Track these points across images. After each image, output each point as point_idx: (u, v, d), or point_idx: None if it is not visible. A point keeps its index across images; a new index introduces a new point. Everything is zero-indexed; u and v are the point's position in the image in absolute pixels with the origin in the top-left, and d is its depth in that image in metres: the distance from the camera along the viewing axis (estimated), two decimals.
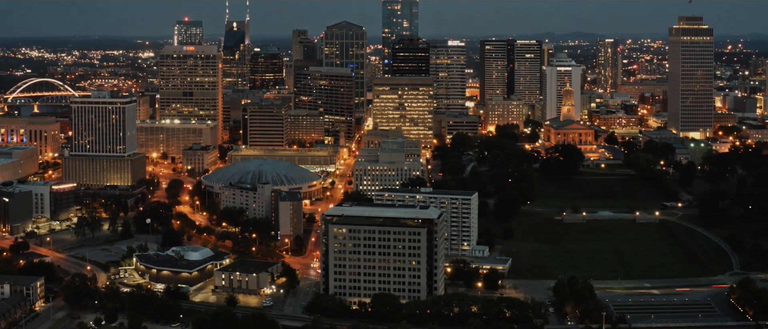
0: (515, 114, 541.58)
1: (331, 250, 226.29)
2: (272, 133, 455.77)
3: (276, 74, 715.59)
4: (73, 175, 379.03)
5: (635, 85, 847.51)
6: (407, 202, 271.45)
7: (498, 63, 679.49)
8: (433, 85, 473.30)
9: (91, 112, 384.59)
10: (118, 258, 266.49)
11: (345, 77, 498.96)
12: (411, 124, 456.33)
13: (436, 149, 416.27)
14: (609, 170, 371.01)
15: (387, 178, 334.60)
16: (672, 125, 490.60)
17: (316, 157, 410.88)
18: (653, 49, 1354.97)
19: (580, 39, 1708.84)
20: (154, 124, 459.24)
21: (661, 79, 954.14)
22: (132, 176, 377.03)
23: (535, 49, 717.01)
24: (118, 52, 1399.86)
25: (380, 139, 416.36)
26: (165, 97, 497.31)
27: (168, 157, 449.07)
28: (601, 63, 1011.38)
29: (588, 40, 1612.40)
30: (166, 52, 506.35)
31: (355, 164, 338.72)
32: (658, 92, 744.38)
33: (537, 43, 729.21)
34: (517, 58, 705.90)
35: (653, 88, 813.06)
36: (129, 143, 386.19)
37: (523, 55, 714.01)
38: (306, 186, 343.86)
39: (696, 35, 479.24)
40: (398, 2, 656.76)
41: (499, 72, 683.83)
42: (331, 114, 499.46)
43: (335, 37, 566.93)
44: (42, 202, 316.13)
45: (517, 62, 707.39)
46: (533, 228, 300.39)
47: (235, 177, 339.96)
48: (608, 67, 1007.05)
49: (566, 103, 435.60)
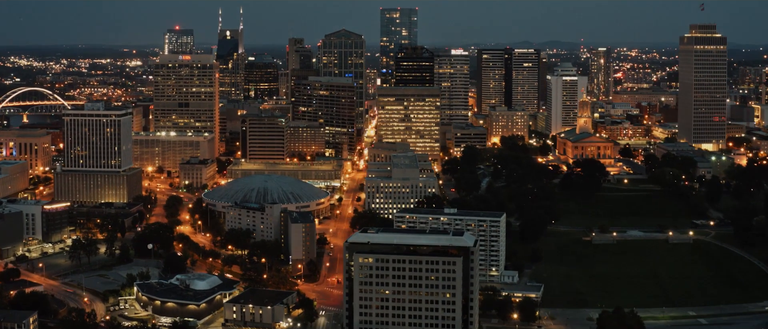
0: (520, 125, 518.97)
1: (356, 282, 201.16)
2: (273, 146, 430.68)
3: (271, 84, 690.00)
4: (65, 192, 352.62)
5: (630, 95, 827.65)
6: (430, 224, 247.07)
7: (495, 72, 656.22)
8: (440, 95, 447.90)
9: (85, 125, 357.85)
10: (116, 286, 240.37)
11: (346, 87, 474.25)
12: (417, 137, 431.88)
13: (447, 163, 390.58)
14: (632, 186, 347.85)
15: (401, 196, 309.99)
16: (683, 136, 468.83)
17: (320, 171, 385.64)
18: (631, 57, 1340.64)
19: (558, 47, 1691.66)
20: (149, 137, 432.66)
21: (656, 87, 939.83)
22: (128, 193, 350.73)
23: (533, 59, 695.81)
24: (105, 61, 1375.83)
25: (386, 153, 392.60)
26: (160, 108, 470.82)
27: (164, 170, 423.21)
28: (594, 72, 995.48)
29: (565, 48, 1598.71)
30: (161, 62, 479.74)
31: (366, 181, 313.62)
32: (654, 101, 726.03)
33: (535, 52, 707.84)
34: (514, 68, 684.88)
35: (649, 97, 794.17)
36: (124, 158, 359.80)
37: (521, 65, 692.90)
38: (314, 204, 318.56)
39: (709, 44, 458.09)
40: (396, 10, 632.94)
41: (496, 81, 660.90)
42: (331, 125, 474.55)
43: (333, 45, 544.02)
44: (33, 223, 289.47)
45: (515, 71, 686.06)
46: (561, 249, 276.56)
47: (239, 195, 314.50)
48: (600, 76, 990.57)
49: (582, 115, 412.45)
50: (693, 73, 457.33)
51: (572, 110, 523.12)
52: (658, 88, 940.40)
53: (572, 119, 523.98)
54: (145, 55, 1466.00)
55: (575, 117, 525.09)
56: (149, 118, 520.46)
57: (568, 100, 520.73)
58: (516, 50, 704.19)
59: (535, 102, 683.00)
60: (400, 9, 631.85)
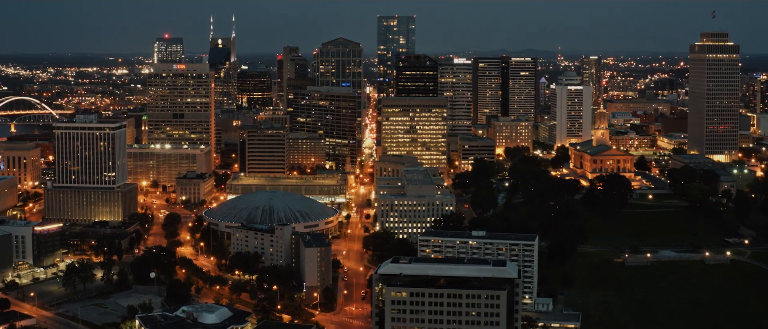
0: (523, 135, 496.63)
1: (389, 318, 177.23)
2: (273, 159, 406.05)
3: (264, 93, 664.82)
4: (56, 209, 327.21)
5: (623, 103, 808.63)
6: (458, 249, 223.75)
7: (492, 81, 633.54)
8: (447, 106, 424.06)
9: (77, 139, 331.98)
10: (116, 317, 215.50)
11: (347, 97, 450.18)
12: (423, 149, 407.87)
13: (458, 178, 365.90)
14: (656, 201, 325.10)
15: (416, 214, 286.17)
16: (693, 147, 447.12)
17: (324, 186, 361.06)
18: (609, 65, 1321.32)
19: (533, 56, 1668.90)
20: (143, 150, 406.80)
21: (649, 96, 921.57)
22: (123, 210, 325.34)
23: (530, 67, 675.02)
24: (92, 69, 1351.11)
25: (393, 166, 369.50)
26: (153, 119, 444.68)
27: (159, 185, 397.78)
28: (585, 80, 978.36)
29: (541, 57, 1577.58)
30: (154, 71, 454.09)
31: (379, 198, 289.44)
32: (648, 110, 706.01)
33: (532, 60, 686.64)
34: (511, 76, 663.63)
35: (643, 105, 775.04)
36: (119, 173, 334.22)
37: (518, 73, 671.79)
38: (322, 223, 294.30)
39: (721, 52, 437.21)
40: (394, 18, 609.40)
41: (492, 90, 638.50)
42: (331, 137, 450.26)
43: (331, 54, 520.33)
44: (23, 246, 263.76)
45: (512, 80, 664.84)
46: (593, 273, 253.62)
47: (243, 213, 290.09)
48: (592, 85, 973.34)
49: (600, 126, 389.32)
50: (705, 83, 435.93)
51: (578, 120, 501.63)
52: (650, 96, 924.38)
53: (577, 129, 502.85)
54: (130, 64, 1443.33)
55: (580, 127, 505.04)
56: (142, 129, 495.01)
57: (573, 110, 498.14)
58: (512, 58, 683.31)
59: (532, 111, 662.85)
60: (397, 16, 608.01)
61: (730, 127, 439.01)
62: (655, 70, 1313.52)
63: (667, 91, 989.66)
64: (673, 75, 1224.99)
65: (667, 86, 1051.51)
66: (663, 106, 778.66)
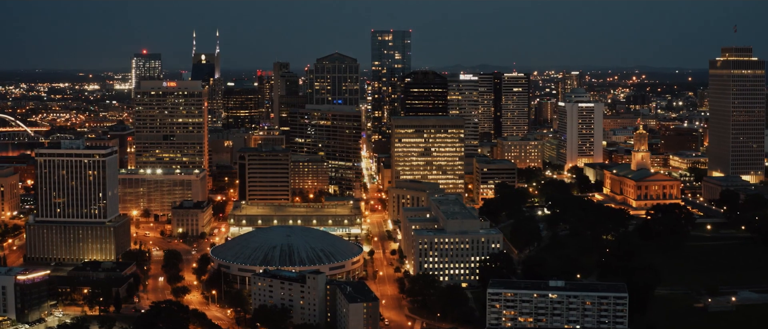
0: (533, 155, 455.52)
1: None
2: (276, 185, 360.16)
3: (251, 111, 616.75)
4: (39, 247, 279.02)
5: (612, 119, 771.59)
6: (536, 303, 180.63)
7: (484, 97, 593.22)
8: (464, 126, 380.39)
9: (62, 167, 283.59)
10: None
11: (350, 116, 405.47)
12: (438, 173, 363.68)
13: (485, 206, 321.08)
14: (714, 232, 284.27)
15: (459, 253, 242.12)
16: (715, 167, 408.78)
17: (337, 216, 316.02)
18: (560, 78, 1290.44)
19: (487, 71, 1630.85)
20: (132, 176, 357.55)
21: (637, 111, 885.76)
22: (116, 248, 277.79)
23: (523, 83, 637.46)
24: (64, 85, 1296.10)
25: (412, 193, 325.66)
26: (141, 141, 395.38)
27: (150, 214, 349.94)
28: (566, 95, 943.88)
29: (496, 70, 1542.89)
30: (142, 89, 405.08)
31: (416, 235, 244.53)
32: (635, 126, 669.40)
33: (525, 76, 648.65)
34: (504, 92, 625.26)
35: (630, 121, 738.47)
36: (110, 205, 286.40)
37: (511, 89, 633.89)
38: (349, 264, 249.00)
39: (746, 68, 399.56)
40: (389, 32, 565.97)
41: (485, 106, 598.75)
42: (333, 159, 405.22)
43: (326, 70, 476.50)
44: (4, 298, 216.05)
45: (505, 96, 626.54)
46: (676, 322, 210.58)
47: (258, 253, 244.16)
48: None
49: (640, 149, 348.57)
50: (731, 99, 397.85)
51: (588, 139, 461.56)
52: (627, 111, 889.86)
53: (589, 149, 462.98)
54: (101, 79, 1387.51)
55: (591, 146, 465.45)
56: (128, 150, 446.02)
57: (584, 128, 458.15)
58: (505, 74, 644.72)
59: (524, 128, 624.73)
60: (393, 31, 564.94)
61: (758, 147, 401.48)
62: (611, 85, 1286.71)
63: (639, 106, 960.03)
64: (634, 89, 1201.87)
65: (639, 101, 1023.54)
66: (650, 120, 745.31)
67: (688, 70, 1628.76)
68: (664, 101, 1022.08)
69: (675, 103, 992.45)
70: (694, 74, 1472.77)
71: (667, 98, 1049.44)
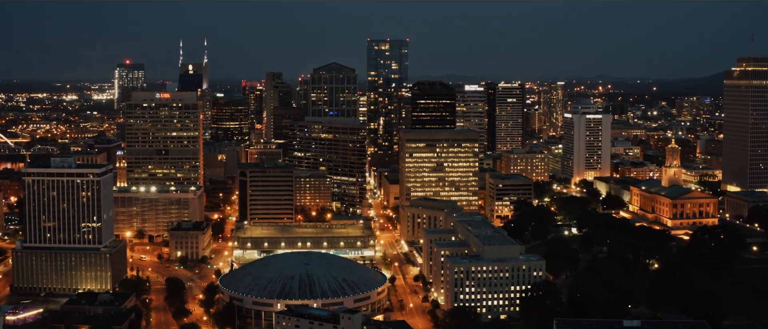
0: (540, 169, 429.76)
1: None
2: (279, 203, 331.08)
3: (241, 123, 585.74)
4: (27, 276, 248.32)
5: None
6: None
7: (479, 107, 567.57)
8: (479, 140, 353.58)
9: (52, 188, 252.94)
10: None
11: (354, 129, 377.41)
12: (451, 189, 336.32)
13: (506, 224, 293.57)
14: (761, 253, 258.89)
15: (498, 283, 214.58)
16: (731, 181, 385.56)
17: (349, 238, 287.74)
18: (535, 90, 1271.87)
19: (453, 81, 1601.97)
20: (125, 194, 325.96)
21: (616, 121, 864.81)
22: (112, 276, 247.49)
23: (517, 94, 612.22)
24: (42, 95, 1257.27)
25: (428, 212, 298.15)
26: (133, 156, 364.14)
27: (144, 235, 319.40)
28: (553, 105, 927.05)
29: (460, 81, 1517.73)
30: (133, 101, 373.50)
31: (451, 264, 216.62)
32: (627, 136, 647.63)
33: (519, 86, 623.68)
34: (498, 103, 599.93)
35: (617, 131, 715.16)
36: (105, 229, 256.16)
37: (505, 100, 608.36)
38: (375, 294, 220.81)
39: (765, 79, 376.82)
40: (386, 41, 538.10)
41: (479, 117, 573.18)
42: (335, 174, 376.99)
43: (323, 81, 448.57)
44: None
45: (499, 107, 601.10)
46: None
47: (275, 285, 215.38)
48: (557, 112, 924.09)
49: (672, 164, 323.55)
50: (749, 111, 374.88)
51: (597, 152, 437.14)
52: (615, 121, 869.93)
53: (596, 161, 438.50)
54: (79, 89, 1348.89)
55: (599, 159, 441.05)
56: (117, 165, 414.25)
57: (594, 140, 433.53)
58: (499, 85, 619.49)
59: (517, 139, 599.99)
60: (389, 40, 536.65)
61: None
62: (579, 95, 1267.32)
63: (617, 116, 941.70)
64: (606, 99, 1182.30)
65: (617, 111, 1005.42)
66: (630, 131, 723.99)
67: (648, 80, 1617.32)
68: (639, 111, 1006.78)
69: (649, 113, 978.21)
70: (657, 84, 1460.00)
71: (641, 108, 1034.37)
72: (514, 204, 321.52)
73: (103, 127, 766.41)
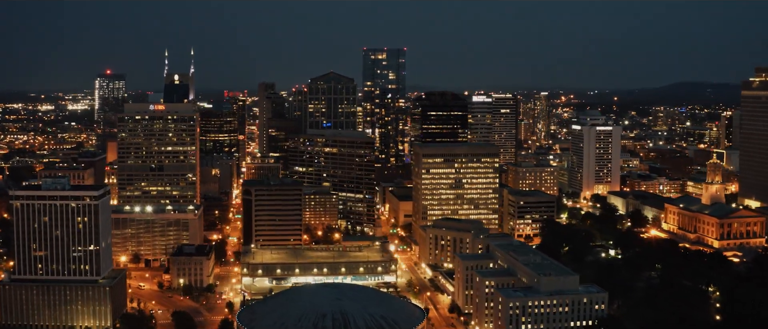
0: (549, 183, 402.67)
1: None
2: (287, 223, 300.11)
3: (231, 135, 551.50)
4: (17, 312, 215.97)
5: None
6: None
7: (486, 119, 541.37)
8: (498, 154, 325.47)
9: (44, 213, 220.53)
10: None
11: (363, 143, 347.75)
12: (470, 207, 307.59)
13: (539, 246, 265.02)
14: None
15: (556, 317, 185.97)
16: (750, 195, 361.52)
17: (368, 262, 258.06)
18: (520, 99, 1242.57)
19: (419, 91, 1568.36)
20: (119, 215, 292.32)
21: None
22: (112, 311, 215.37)
23: (511, 104, 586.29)
24: (17, 105, 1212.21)
25: (453, 234, 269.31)
26: (125, 172, 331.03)
27: (140, 259, 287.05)
28: (536, 116, 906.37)
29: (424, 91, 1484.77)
30: (126, 113, 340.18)
31: (503, 297, 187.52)
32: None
33: (512, 97, 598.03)
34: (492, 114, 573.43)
35: None
36: (104, 259, 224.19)
37: (499, 110, 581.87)
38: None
39: None
40: (383, 51, 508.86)
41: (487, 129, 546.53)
42: (341, 190, 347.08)
43: (321, 91, 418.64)
44: None
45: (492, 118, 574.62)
46: None
47: (304, 323, 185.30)
48: (541, 121, 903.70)
49: (714, 181, 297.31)
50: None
51: (606, 165, 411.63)
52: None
53: (606, 175, 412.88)
54: (54, 100, 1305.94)
55: (609, 173, 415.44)
56: (106, 181, 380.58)
57: (604, 153, 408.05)
58: (493, 95, 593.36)
59: (511, 150, 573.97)
60: (386, 49, 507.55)
61: None
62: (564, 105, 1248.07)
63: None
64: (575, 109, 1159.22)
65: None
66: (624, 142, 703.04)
67: (606, 90, 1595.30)
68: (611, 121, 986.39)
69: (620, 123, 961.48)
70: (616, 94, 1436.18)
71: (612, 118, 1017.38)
72: (538, 222, 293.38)
73: (81, 138, 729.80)
